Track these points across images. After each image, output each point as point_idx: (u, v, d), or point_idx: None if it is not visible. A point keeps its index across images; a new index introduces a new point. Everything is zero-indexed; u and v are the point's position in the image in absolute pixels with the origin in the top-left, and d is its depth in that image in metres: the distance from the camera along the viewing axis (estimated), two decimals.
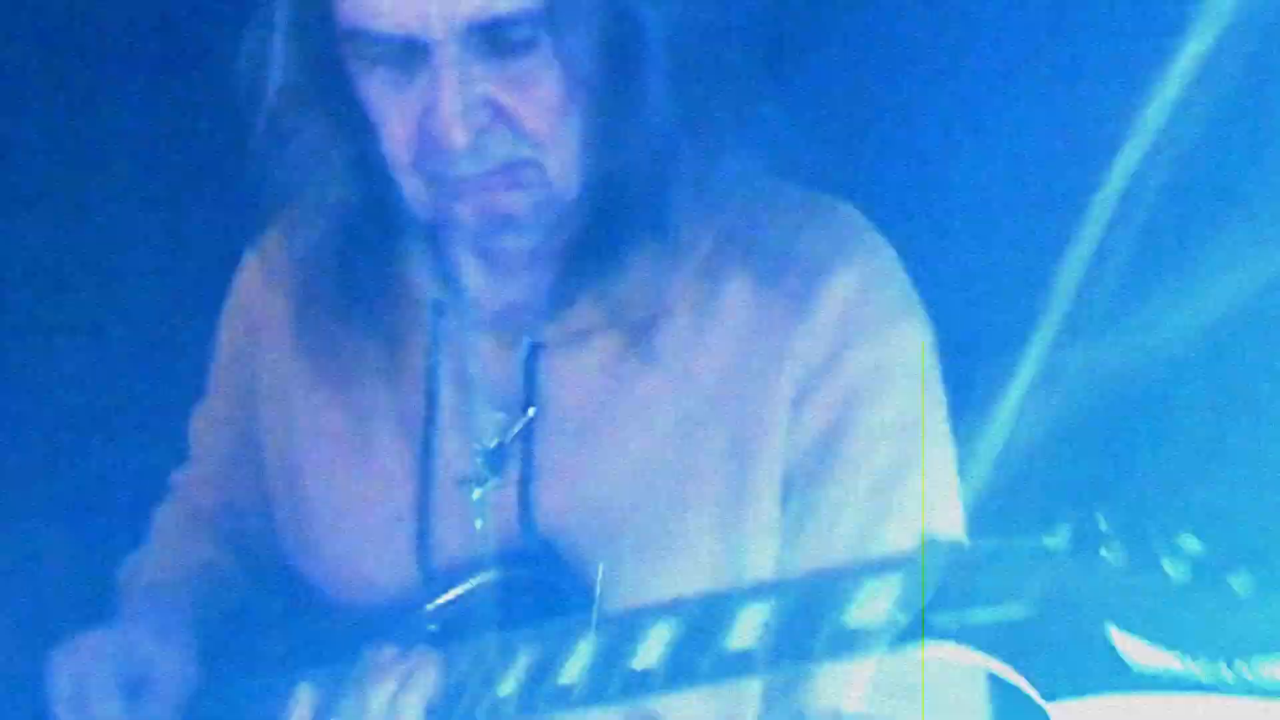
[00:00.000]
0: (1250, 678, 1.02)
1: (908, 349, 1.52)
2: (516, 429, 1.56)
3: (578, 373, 1.55)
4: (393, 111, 1.43)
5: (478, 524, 1.57)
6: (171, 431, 1.84)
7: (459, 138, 1.39)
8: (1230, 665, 1.02)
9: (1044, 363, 1.51)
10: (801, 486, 1.51)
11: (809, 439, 1.50)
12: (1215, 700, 1.02)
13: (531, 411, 1.56)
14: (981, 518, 1.44)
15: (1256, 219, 1.55)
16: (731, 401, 1.52)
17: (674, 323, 1.53)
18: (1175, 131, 1.53)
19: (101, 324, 2.31)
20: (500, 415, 1.57)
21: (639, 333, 1.52)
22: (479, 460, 1.58)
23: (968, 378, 1.53)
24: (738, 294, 1.52)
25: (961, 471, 1.52)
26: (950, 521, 1.50)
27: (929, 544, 1.17)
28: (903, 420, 1.51)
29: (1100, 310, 1.54)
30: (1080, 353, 1.45)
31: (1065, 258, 1.62)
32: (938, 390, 1.54)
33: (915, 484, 1.51)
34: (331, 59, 1.45)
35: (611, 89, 1.43)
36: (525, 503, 1.55)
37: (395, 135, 1.44)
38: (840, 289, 1.50)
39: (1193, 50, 1.52)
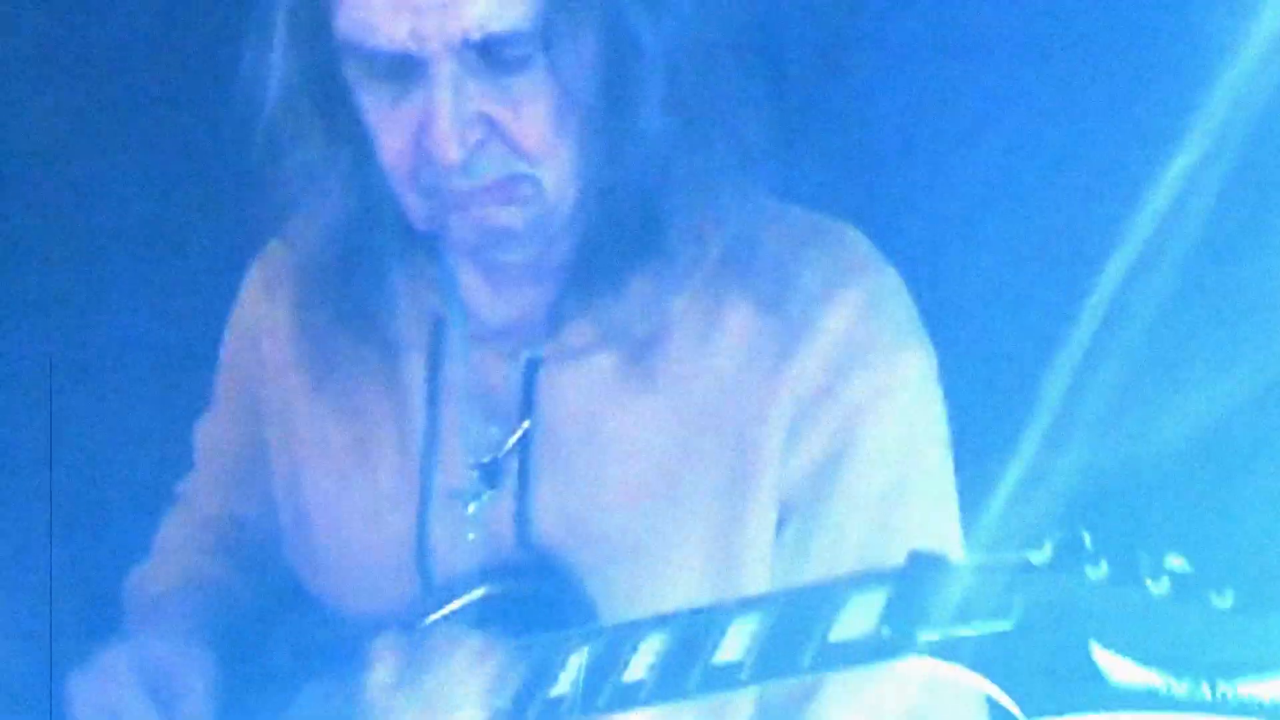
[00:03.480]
0: (1231, 697, 1.02)
1: (909, 374, 1.51)
2: (511, 443, 1.57)
3: (575, 390, 1.55)
4: (389, 125, 1.43)
5: (470, 537, 1.57)
6: (176, 441, 1.85)
7: (453, 153, 1.39)
8: (1212, 684, 1.02)
9: (1047, 386, 1.50)
10: (801, 511, 1.51)
11: (808, 463, 1.50)
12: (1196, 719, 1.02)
13: (526, 424, 1.56)
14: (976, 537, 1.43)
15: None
16: (729, 423, 1.51)
17: (672, 343, 1.52)
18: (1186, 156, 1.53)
19: (107, 334, 2.32)
20: (495, 430, 1.58)
21: (637, 352, 1.52)
22: (474, 474, 1.58)
23: (973, 398, 1.53)
24: (737, 316, 1.52)
25: (962, 494, 1.52)
26: (950, 546, 1.49)
27: (915, 559, 1.17)
28: (903, 446, 1.51)
29: (1103, 330, 1.53)
30: (1078, 375, 1.45)
31: (1074, 275, 1.62)
32: (940, 413, 1.54)
33: (915, 510, 1.50)
34: (330, 71, 1.46)
35: (608, 107, 1.43)
36: (520, 518, 1.55)
37: (391, 149, 1.44)
38: (841, 313, 1.50)
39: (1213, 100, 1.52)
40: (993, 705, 1.13)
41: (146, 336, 2.27)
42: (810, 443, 1.50)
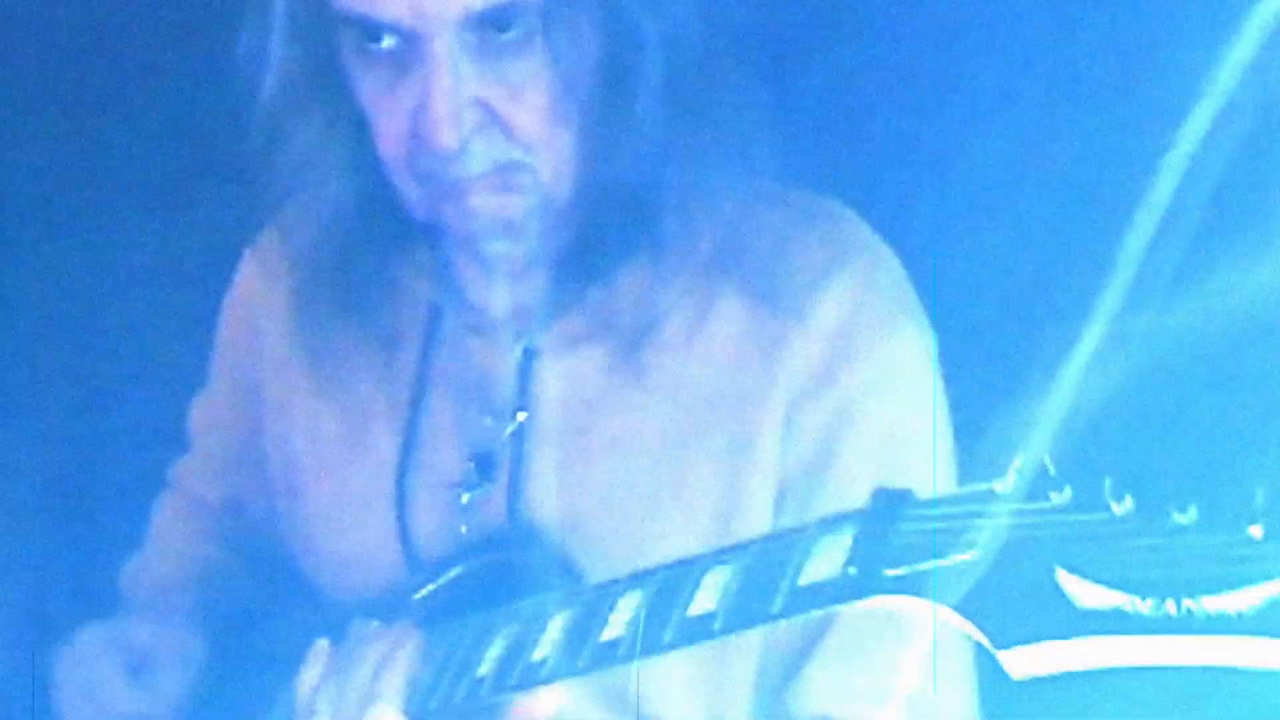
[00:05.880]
0: (1197, 613, 1.00)
1: (906, 358, 1.51)
2: (506, 433, 1.56)
3: (570, 380, 1.55)
4: (385, 110, 1.43)
5: (463, 529, 1.57)
6: (169, 425, 1.85)
7: (449, 138, 1.38)
8: (1178, 602, 1.01)
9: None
10: (797, 495, 1.50)
11: (805, 448, 1.49)
12: (1163, 639, 1.01)
13: (522, 416, 1.55)
14: None
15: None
16: (725, 411, 1.51)
17: (667, 333, 1.52)
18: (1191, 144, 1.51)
19: (101, 317, 2.33)
20: (490, 420, 1.57)
21: (631, 342, 1.52)
22: (469, 464, 1.58)
23: (972, 379, 1.52)
24: (732, 304, 1.52)
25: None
26: None
27: (879, 496, 1.16)
28: (900, 429, 1.50)
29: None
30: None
31: (1073, 256, 1.60)
32: (939, 395, 1.53)
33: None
34: (329, 55, 1.46)
35: (605, 96, 1.43)
36: (514, 509, 1.55)
37: (387, 134, 1.44)
38: (837, 298, 1.49)
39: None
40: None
41: (141, 319, 2.27)
42: (807, 428, 1.49)
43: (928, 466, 1.50)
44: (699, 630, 1.22)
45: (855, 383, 1.48)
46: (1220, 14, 1.52)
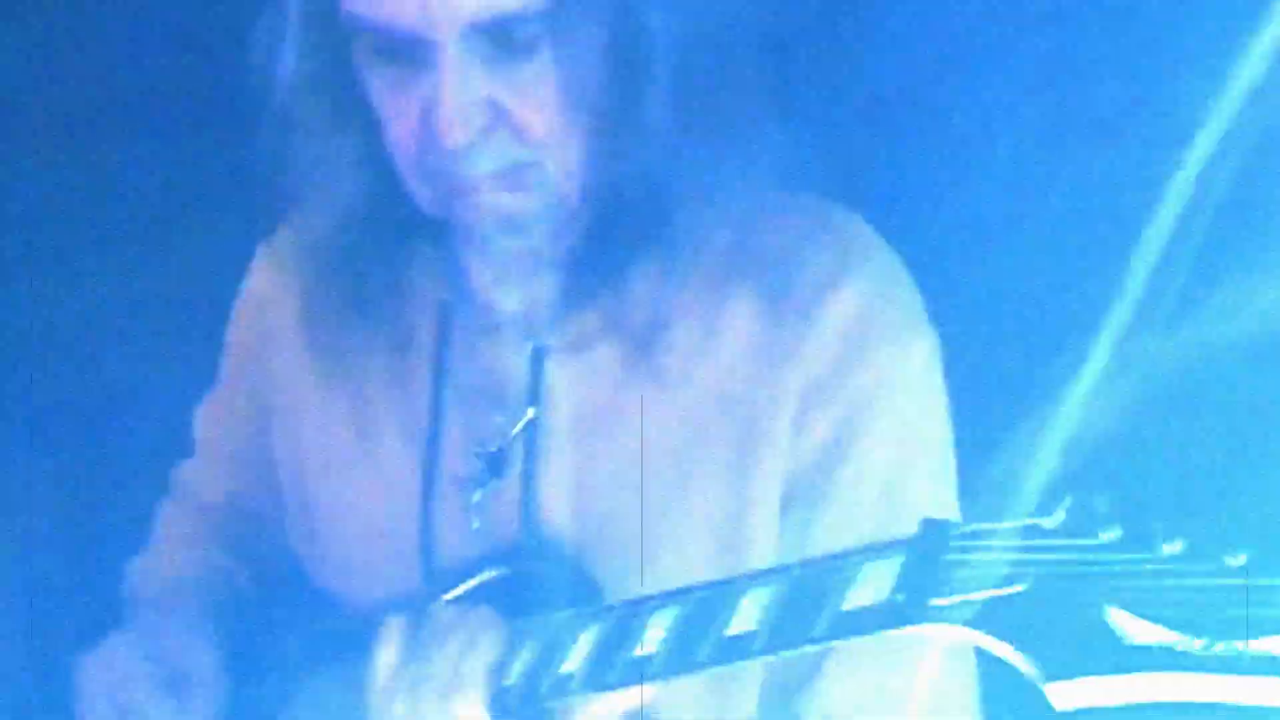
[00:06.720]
0: (1246, 654, 1.02)
1: (912, 362, 1.52)
2: (516, 431, 1.57)
3: (581, 379, 1.55)
4: (396, 109, 1.43)
5: (475, 525, 1.57)
6: (174, 428, 1.84)
7: (458, 137, 1.38)
8: (1227, 643, 1.03)
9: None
10: (804, 498, 1.51)
11: (813, 450, 1.50)
12: (1212, 679, 1.03)
13: (531, 413, 1.56)
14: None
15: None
16: (734, 413, 1.51)
17: (677, 334, 1.52)
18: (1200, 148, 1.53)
19: (107, 319, 2.31)
20: (501, 418, 1.58)
21: (642, 342, 1.52)
22: (480, 462, 1.58)
23: (976, 385, 1.54)
24: (742, 307, 1.52)
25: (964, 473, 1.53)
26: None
27: (927, 526, 1.18)
28: (906, 432, 1.51)
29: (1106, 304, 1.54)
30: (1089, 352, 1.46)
31: (1080, 263, 1.62)
32: (943, 400, 1.54)
33: (917, 493, 1.51)
34: (342, 51, 1.45)
35: (615, 96, 1.42)
36: (525, 506, 1.55)
37: (399, 132, 1.43)
38: (845, 303, 1.50)
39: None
40: (1003, 672, 1.14)
41: (149, 321, 2.25)
42: (815, 430, 1.50)
43: (932, 470, 1.53)
44: (737, 650, 1.23)
45: (863, 385, 1.50)
46: (1225, 39, 1.54)
